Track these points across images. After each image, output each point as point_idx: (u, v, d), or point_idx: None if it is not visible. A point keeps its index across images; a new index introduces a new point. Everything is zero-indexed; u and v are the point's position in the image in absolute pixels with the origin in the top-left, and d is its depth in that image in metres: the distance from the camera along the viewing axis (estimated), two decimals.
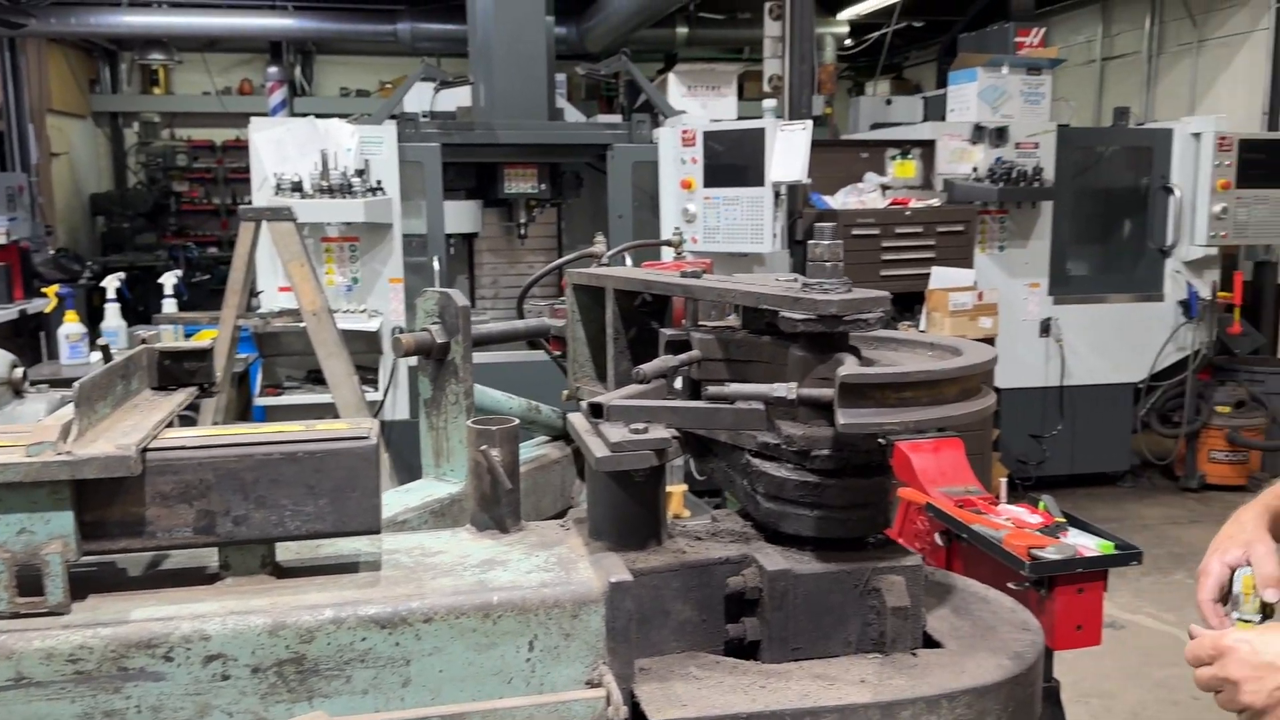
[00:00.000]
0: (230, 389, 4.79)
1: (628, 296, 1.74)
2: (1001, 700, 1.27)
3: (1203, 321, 6.56)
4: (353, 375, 4.15)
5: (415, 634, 1.19)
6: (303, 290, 4.08)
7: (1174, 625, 4.61)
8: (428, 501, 1.70)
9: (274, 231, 4.11)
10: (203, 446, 1.20)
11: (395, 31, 10.12)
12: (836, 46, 10.42)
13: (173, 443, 1.21)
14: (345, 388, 4.09)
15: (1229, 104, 8.17)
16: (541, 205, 6.56)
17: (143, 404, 1.38)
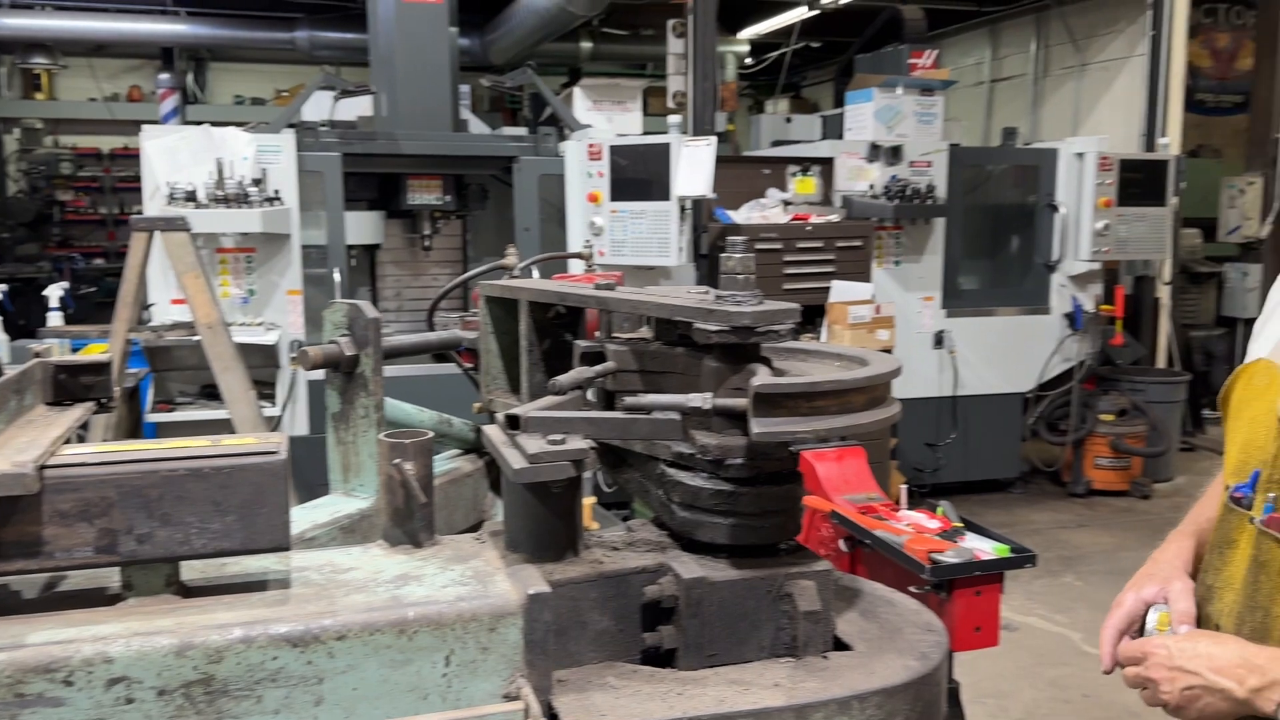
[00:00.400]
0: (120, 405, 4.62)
1: (541, 309, 1.74)
2: (909, 700, 1.31)
3: (1087, 333, 6.87)
4: (250, 390, 4.05)
5: (328, 652, 1.16)
6: (197, 303, 3.96)
7: (1065, 626, 4.80)
8: (336, 517, 1.67)
9: (167, 242, 3.98)
10: (104, 463, 1.16)
11: (293, 39, 9.92)
12: (737, 65, 10.62)
13: (72, 459, 1.16)
14: (242, 403, 3.98)
15: (1109, 125, 8.58)
16: (446, 217, 6.51)
17: (38, 420, 1.33)
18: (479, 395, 1.94)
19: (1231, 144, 11.11)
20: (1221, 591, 1.46)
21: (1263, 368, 1.45)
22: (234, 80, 12.98)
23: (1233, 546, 1.44)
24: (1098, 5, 8.89)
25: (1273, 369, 1.42)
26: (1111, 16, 8.76)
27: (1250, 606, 1.39)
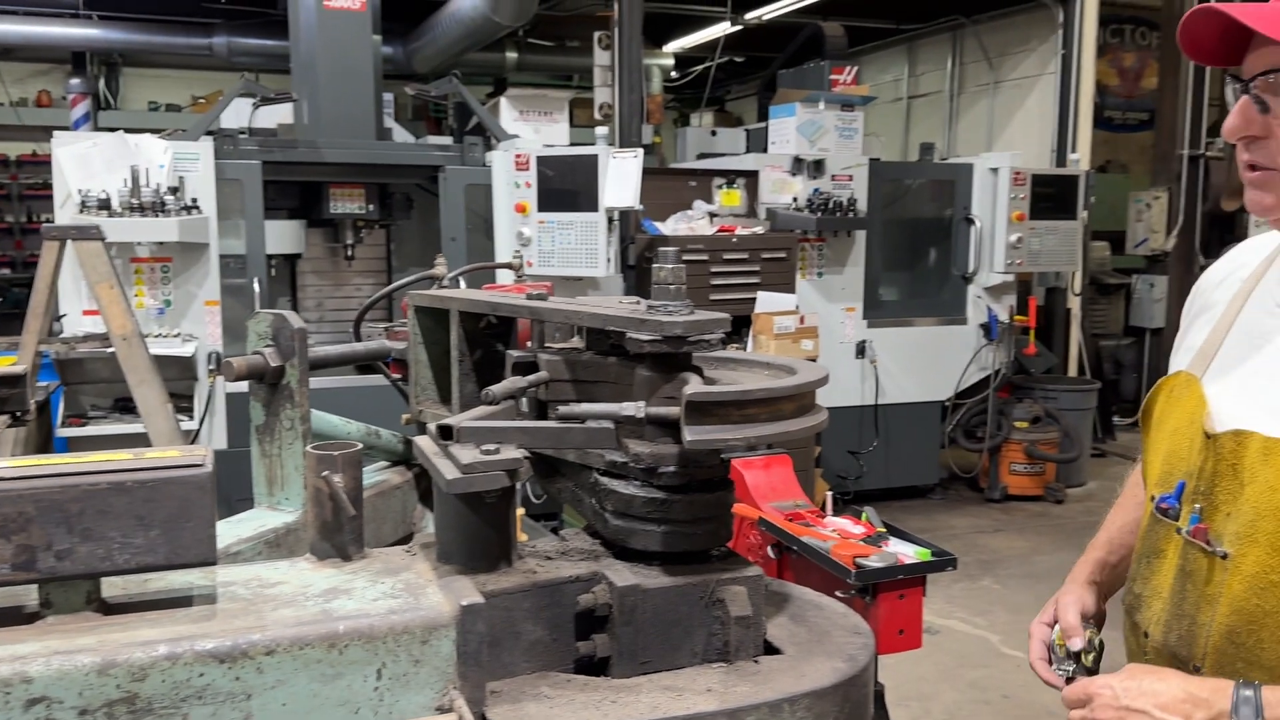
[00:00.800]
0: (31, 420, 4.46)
1: (473, 319, 1.74)
2: (838, 701, 1.33)
3: (1001, 343, 7.07)
4: (167, 403, 3.94)
5: (256, 667, 1.14)
6: (112, 314, 3.84)
7: (984, 629, 4.92)
8: (262, 531, 1.64)
9: (80, 251, 3.87)
10: (22, 477, 1.12)
11: (211, 45, 9.70)
12: (663, 78, 10.69)
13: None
14: (159, 416, 3.88)
15: (1022, 141, 8.85)
16: (369, 226, 6.44)
17: None
18: (408, 407, 1.92)
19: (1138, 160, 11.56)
20: (1150, 600, 1.50)
21: (1182, 380, 1.50)
22: (149, 86, 12.64)
23: (1160, 556, 1.48)
24: (1010, 24, 9.17)
25: (1192, 381, 1.47)
26: (1023, 35, 9.04)
27: (1177, 615, 1.43)
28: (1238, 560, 1.33)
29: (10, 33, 9.82)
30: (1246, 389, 1.39)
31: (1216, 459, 1.37)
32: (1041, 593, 5.37)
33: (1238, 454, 1.34)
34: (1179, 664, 1.42)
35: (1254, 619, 1.31)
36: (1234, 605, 1.33)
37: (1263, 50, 1.29)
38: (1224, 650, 1.35)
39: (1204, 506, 1.39)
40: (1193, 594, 1.40)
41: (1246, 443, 1.33)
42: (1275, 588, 1.29)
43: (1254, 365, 1.40)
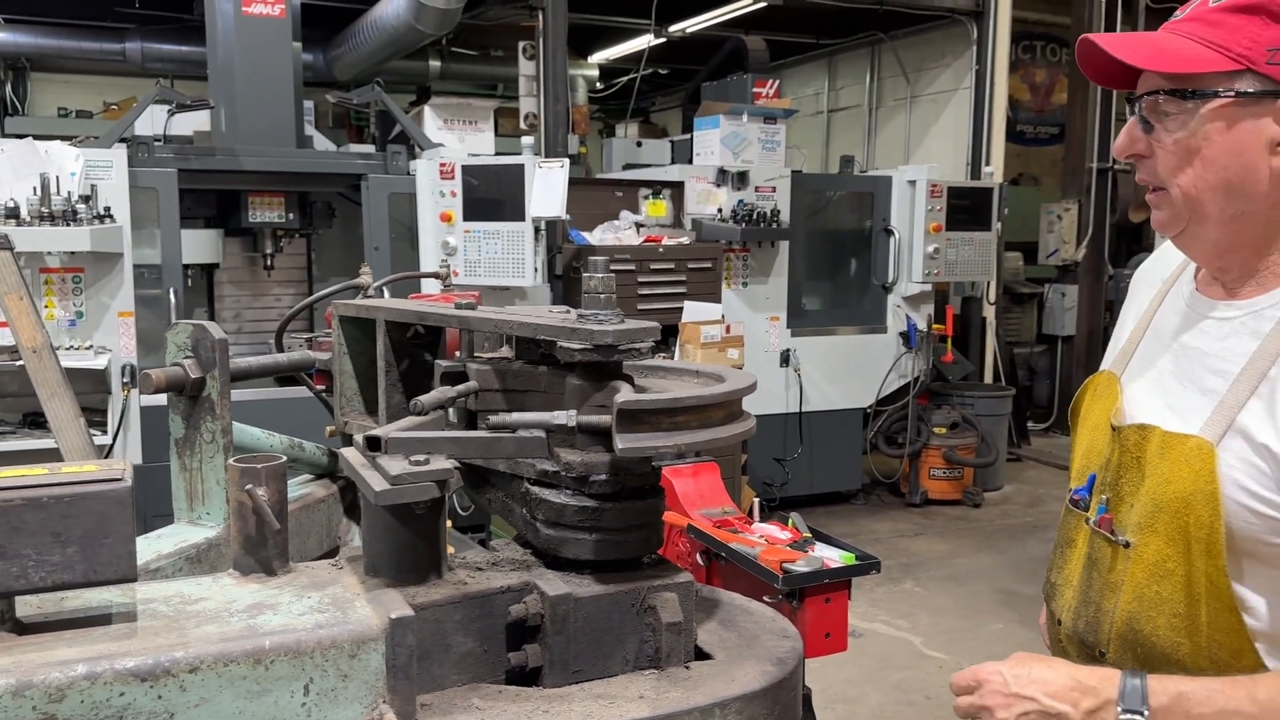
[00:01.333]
0: None
1: (400, 328, 1.72)
2: (768, 704, 1.35)
3: (920, 351, 7.23)
4: (79, 418, 3.80)
5: (179, 685, 1.12)
6: (21, 326, 3.70)
7: (907, 631, 5.01)
8: (182, 547, 1.60)
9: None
10: None
11: (124, 50, 9.43)
12: (588, 89, 10.71)
13: None
14: (71, 431, 3.74)
15: (939, 154, 9.07)
16: (289, 235, 6.32)
17: None
18: (332, 419, 1.89)
19: (1049, 173, 11.94)
20: (1062, 589, 1.56)
21: (1104, 378, 1.56)
22: (58, 92, 12.22)
23: (1071, 546, 1.55)
24: (926, 40, 9.40)
25: (1112, 379, 1.53)
26: (939, 51, 9.28)
27: (1084, 602, 1.49)
28: (1139, 549, 1.38)
29: None
30: (1152, 387, 1.46)
31: (1122, 451, 1.43)
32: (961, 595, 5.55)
33: (1141, 447, 1.40)
34: (1086, 649, 1.48)
35: (1152, 606, 1.37)
36: (1135, 592, 1.39)
37: (1148, 74, 1.35)
38: (1125, 636, 1.40)
39: (1110, 497, 1.45)
40: (1098, 582, 1.46)
41: (1149, 436, 1.39)
42: (1171, 575, 1.35)
43: (1162, 364, 1.46)
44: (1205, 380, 1.37)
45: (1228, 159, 1.30)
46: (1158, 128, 1.34)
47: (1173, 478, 1.33)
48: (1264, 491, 1.26)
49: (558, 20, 6.66)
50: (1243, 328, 1.36)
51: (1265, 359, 1.30)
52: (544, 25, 6.72)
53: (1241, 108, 1.28)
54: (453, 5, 6.53)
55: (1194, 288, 1.47)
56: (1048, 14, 11.34)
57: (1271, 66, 1.26)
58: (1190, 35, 1.31)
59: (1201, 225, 1.35)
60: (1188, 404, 1.37)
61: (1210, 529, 1.29)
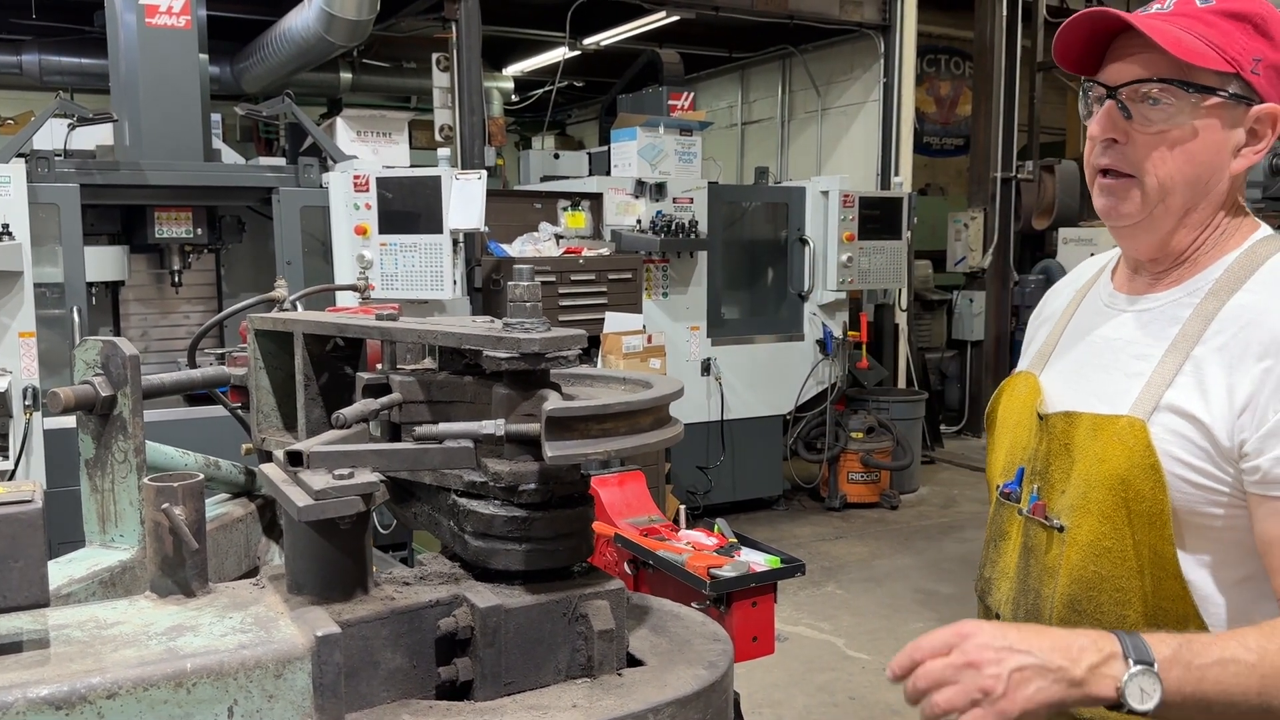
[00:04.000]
0: None
1: (318, 341, 1.69)
2: (701, 708, 1.36)
3: (836, 358, 7.36)
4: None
5: (97, 712, 1.08)
6: None
7: (830, 634, 5.08)
8: (95, 571, 1.54)
9: None
10: None
11: (20, 62, 9.08)
12: (503, 101, 10.68)
13: None
14: None
15: (849, 165, 9.25)
16: (198, 251, 6.15)
17: None
18: (249, 436, 1.85)
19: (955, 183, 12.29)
20: (998, 582, 1.59)
21: (1022, 379, 1.61)
22: None
23: (1005, 538, 1.58)
24: (835, 54, 9.60)
25: (1031, 378, 1.58)
26: (847, 65, 9.47)
27: (1023, 590, 1.52)
28: (1073, 531, 1.42)
29: None
30: (1077, 377, 1.51)
31: (1049, 439, 1.48)
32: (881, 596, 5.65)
33: (1068, 433, 1.45)
34: None
35: (1092, 585, 1.41)
36: (1072, 574, 1.42)
37: (1133, 63, 1.38)
38: (1067, 619, 1.43)
39: (1041, 486, 1.49)
40: (1035, 568, 1.49)
41: (1077, 422, 1.44)
42: (1108, 553, 1.39)
43: (1083, 357, 1.52)
44: (1129, 365, 1.43)
45: (1206, 155, 1.36)
46: (1137, 115, 1.37)
47: (1105, 456, 1.38)
48: (1196, 461, 1.32)
49: (471, 32, 6.64)
50: (1163, 314, 1.43)
51: (1188, 340, 1.37)
52: (457, 37, 6.69)
53: (1227, 109, 1.35)
54: (364, 16, 6.45)
55: (1111, 289, 1.54)
56: (951, 28, 11.69)
57: (1254, 76, 1.34)
58: (1189, 30, 1.35)
59: (1163, 217, 1.40)
60: (1113, 389, 1.43)
61: (1153, 500, 1.33)
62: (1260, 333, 1.31)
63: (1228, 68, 1.34)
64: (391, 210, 5.42)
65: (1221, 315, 1.36)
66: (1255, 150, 1.38)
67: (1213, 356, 1.34)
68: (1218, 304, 1.37)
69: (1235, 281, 1.38)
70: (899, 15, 8.52)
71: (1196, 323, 1.37)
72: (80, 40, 8.79)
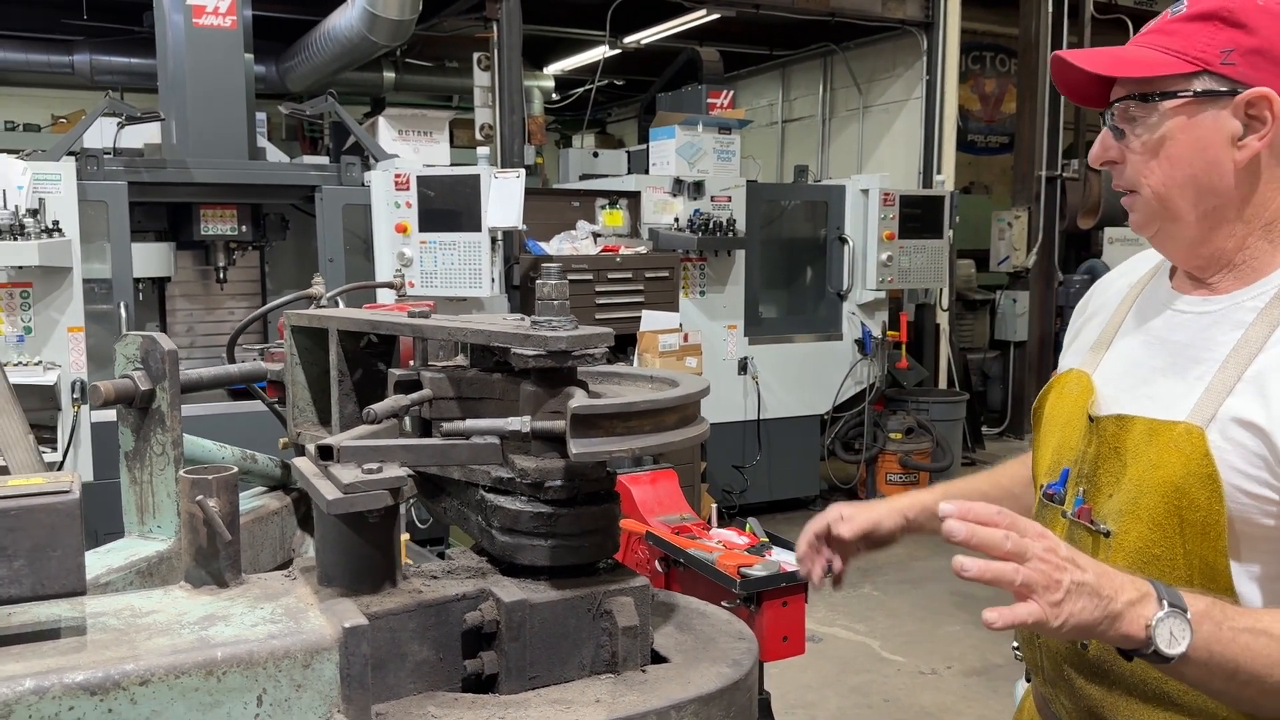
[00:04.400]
0: None
1: (353, 338, 1.72)
2: (724, 706, 1.36)
3: (875, 358, 7.31)
4: (28, 434, 3.74)
5: (130, 698, 1.11)
6: None
7: (865, 635, 5.05)
8: (133, 561, 1.58)
9: None
10: None
11: (72, 63, 9.30)
12: (543, 100, 10.72)
13: None
14: (19, 449, 3.67)
15: (891, 163, 9.19)
16: (242, 248, 6.26)
17: None
18: (285, 430, 1.88)
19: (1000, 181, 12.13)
20: None
21: (1074, 377, 1.58)
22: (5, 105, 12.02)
23: None
24: (877, 51, 9.53)
25: (1084, 377, 1.55)
26: (890, 62, 9.40)
27: None
28: (1120, 537, 1.40)
29: None
30: (1131, 380, 1.48)
31: (1100, 442, 1.46)
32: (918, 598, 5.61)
33: (1120, 437, 1.43)
34: (1068, 644, 1.49)
35: None
36: None
37: (1118, 85, 1.42)
38: None
39: (1087, 489, 1.47)
40: None
41: (1129, 426, 1.42)
42: (1157, 561, 1.36)
43: (1138, 358, 1.49)
44: (1188, 370, 1.40)
45: (1192, 155, 1.36)
46: (1128, 134, 1.41)
47: (1160, 463, 1.36)
48: (1255, 471, 1.30)
49: (512, 32, 6.68)
50: (1224, 319, 1.40)
51: (1250, 347, 1.34)
52: (498, 36, 6.73)
53: (1200, 106, 1.35)
54: (406, 16, 6.52)
55: (1169, 287, 1.51)
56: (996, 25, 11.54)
57: (1227, 66, 1.33)
58: (1149, 45, 1.39)
59: (1175, 224, 1.41)
60: (1170, 393, 1.40)
61: (1208, 510, 1.31)
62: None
63: (1190, 67, 1.35)
64: (431, 208, 5.48)
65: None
66: (1259, 137, 1.35)
67: (1277, 365, 1.31)
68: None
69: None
70: (942, 12, 8.44)
71: (1261, 328, 1.35)
72: (130, 40, 8.97)
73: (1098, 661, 1.44)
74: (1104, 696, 1.45)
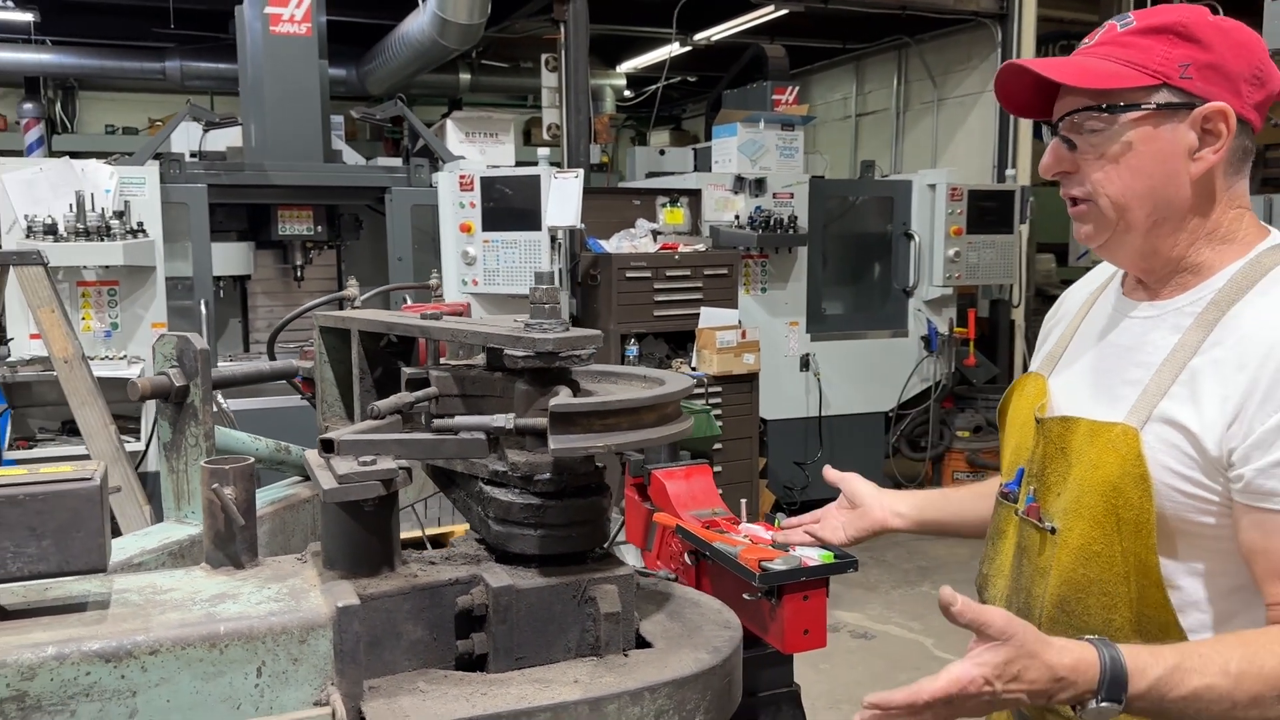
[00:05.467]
0: None
1: (373, 338, 1.83)
2: (699, 690, 1.43)
3: (942, 355, 7.23)
4: (109, 425, 3.97)
5: (141, 666, 1.22)
6: (53, 337, 3.88)
7: (919, 633, 5.04)
8: (166, 543, 1.71)
9: (21, 277, 3.90)
10: None
11: (163, 69, 9.74)
12: (616, 98, 10.83)
13: None
14: (100, 438, 3.91)
15: (966, 157, 9.05)
16: (318, 247, 6.50)
17: None
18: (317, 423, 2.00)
19: None
20: (994, 579, 1.64)
21: (1032, 379, 1.64)
22: (105, 109, 12.62)
23: (1002, 537, 1.63)
24: (952, 43, 9.39)
25: (1039, 380, 1.61)
26: (965, 54, 9.26)
27: (1015, 589, 1.56)
28: (1064, 534, 1.45)
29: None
30: (1082, 382, 1.54)
31: (1046, 442, 1.51)
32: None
33: (1065, 438, 1.48)
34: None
35: (1081, 587, 1.44)
36: (1063, 576, 1.46)
37: (1067, 97, 1.45)
38: (1056, 619, 1.47)
39: (1037, 488, 1.53)
40: (1028, 568, 1.53)
41: (1073, 428, 1.47)
42: (1097, 558, 1.41)
43: (1091, 361, 1.55)
44: (1128, 373, 1.45)
45: (1152, 166, 1.39)
46: (1080, 144, 1.43)
47: (1099, 463, 1.41)
48: (1187, 471, 1.34)
49: (579, 32, 6.78)
50: (1163, 323, 1.44)
51: (1186, 350, 1.38)
52: (565, 37, 6.84)
53: (1161, 118, 1.38)
54: (474, 20, 6.68)
55: (1120, 293, 1.55)
56: (1079, 12, 11.25)
57: (1185, 80, 1.36)
58: (1105, 56, 1.41)
59: (1127, 234, 1.44)
60: (1112, 395, 1.46)
61: (1140, 509, 1.36)
62: (1253, 345, 1.31)
63: (1150, 80, 1.37)
64: (494, 208, 5.62)
65: (1221, 326, 1.37)
66: (1214, 150, 1.38)
67: (1209, 368, 1.35)
68: (1218, 314, 1.38)
69: (1237, 291, 1.38)
70: (1017, 3, 8.28)
71: (1196, 333, 1.39)
72: (216, 47, 9.35)
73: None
74: None
